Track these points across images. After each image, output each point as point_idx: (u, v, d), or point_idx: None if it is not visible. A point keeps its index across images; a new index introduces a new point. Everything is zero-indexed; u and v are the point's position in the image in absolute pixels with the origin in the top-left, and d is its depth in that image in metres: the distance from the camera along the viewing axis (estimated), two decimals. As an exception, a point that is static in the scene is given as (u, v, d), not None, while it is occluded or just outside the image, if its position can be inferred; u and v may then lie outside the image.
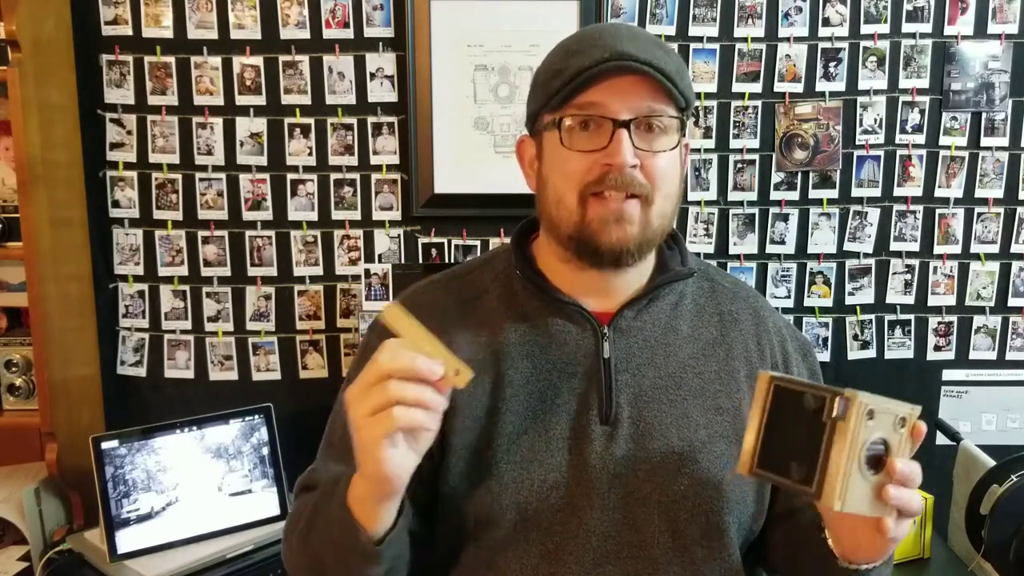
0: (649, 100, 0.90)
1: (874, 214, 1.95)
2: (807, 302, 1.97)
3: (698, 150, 1.92)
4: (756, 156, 1.93)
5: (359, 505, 0.82)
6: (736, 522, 0.95)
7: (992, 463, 1.56)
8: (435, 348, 0.78)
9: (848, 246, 1.96)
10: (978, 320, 1.98)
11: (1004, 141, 1.93)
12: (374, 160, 1.89)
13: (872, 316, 1.98)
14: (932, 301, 1.98)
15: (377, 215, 1.92)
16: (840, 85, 1.90)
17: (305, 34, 1.85)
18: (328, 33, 1.85)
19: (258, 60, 1.85)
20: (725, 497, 0.94)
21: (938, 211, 1.95)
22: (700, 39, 1.88)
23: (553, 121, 0.93)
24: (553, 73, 0.92)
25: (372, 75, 1.87)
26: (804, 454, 0.74)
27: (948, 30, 1.89)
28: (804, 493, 0.75)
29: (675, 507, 0.92)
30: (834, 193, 1.93)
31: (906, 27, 1.89)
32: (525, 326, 0.97)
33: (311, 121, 1.88)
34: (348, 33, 1.85)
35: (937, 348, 1.99)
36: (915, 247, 1.96)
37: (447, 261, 1.93)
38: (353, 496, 0.83)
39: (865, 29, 1.89)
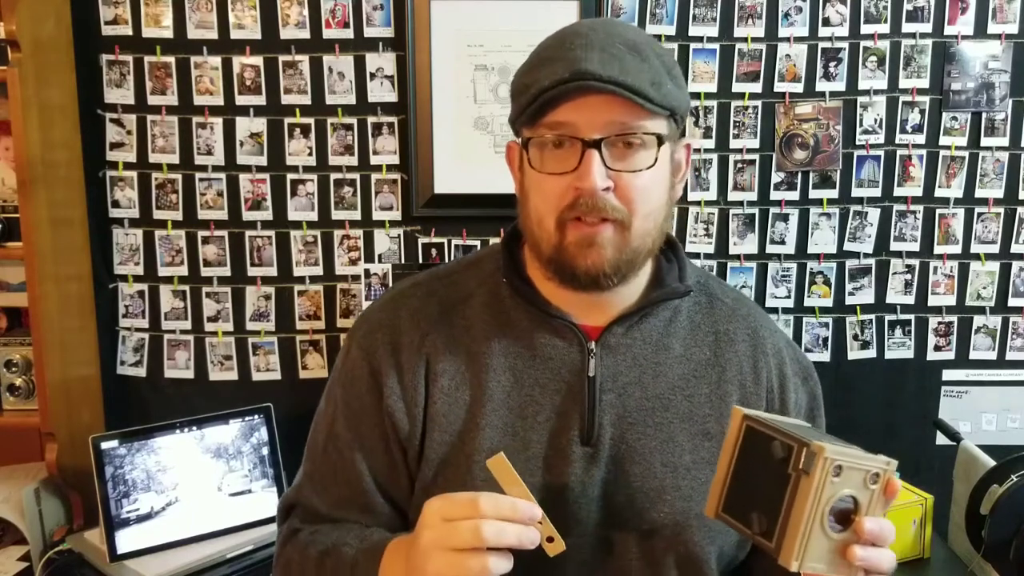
0: (622, 117, 0.83)
1: (874, 214, 1.95)
2: (807, 302, 1.97)
3: (698, 150, 1.91)
4: (756, 156, 1.92)
5: None
6: (717, 550, 0.92)
7: (992, 463, 1.56)
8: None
9: (848, 246, 1.96)
10: (978, 320, 1.98)
11: (1004, 141, 1.92)
12: (374, 160, 1.89)
13: (872, 316, 1.98)
14: (932, 301, 1.98)
15: (377, 215, 1.91)
16: (840, 85, 1.90)
17: (305, 34, 1.85)
18: (328, 33, 1.85)
19: (258, 60, 1.85)
20: (707, 527, 0.90)
21: (938, 211, 1.95)
22: (700, 39, 1.88)
23: (526, 140, 0.88)
24: (522, 87, 0.88)
25: (372, 75, 1.87)
26: (767, 505, 0.70)
27: (948, 30, 1.89)
28: (764, 547, 0.71)
29: (654, 535, 0.89)
30: (834, 193, 1.93)
31: (906, 27, 1.89)
32: (509, 338, 0.93)
33: (311, 121, 1.88)
34: (348, 33, 1.85)
35: (937, 348, 1.99)
36: (915, 247, 1.96)
37: (447, 261, 1.92)
38: None
39: (865, 29, 1.89)
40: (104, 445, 1.58)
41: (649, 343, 0.94)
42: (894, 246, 1.96)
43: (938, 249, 1.96)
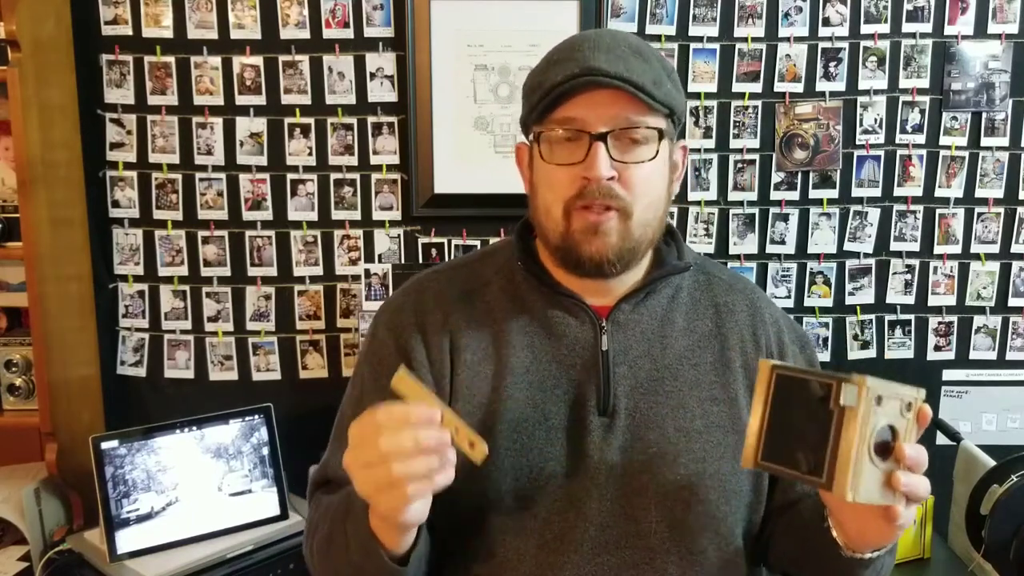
0: (626, 112, 0.91)
1: (874, 214, 1.95)
2: (807, 302, 1.97)
3: (698, 150, 1.91)
4: (756, 156, 1.92)
5: (382, 532, 0.83)
6: (734, 512, 0.96)
7: (992, 463, 1.56)
8: (447, 415, 0.78)
9: (848, 246, 1.96)
10: (978, 320, 1.98)
11: (1004, 141, 1.92)
12: (374, 160, 1.89)
13: (872, 316, 1.98)
14: (932, 301, 1.98)
15: (377, 215, 1.91)
16: (840, 85, 1.90)
17: (305, 34, 1.85)
18: (328, 33, 1.85)
19: (258, 60, 1.85)
20: (721, 486, 0.95)
21: (938, 211, 1.95)
22: (700, 39, 1.88)
23: (537, 134, 0.95)
24: (534, 86, 0.95)
25: (372, 75, 1.87)
26: (811, 444, 0.72)
27: (948, 30, 1.89)
28: (814, 484, 0.73)
29: (672, 497, 0.94)
30: (834, 193, 1.93)
31: (906, 27, 1.89)
32: (526, 317, 0.99)
33: (311, 121, 1.88)
34: (348, 33, 1.85)
35: (937, 348, 1.99)
36: (915, 247, 1.96)
37: (447, 261, 1.93)
38: (375, 523, 0.84)
39: (865, 29, 1.89)
40: (104, 445, 1.58)
41: (655, 318, 1.00)
42: (894, 246, 1.96)
43: (938, 249, 1.96)
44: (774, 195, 1.94)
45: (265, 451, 1.71)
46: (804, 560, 0.96)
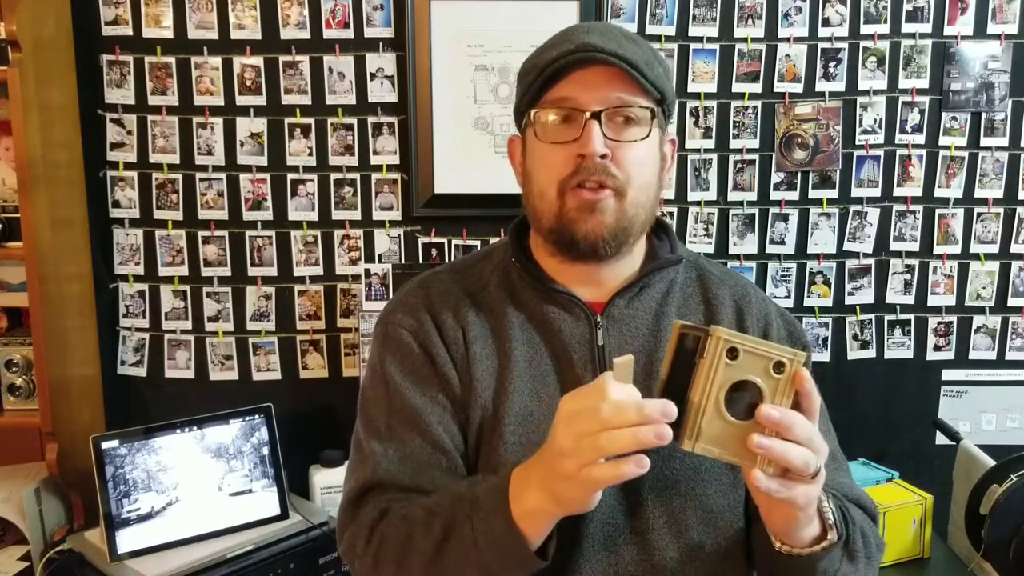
0: (619, 91, 0.92)
1: (874, 214, 1.95)
2: (807, 302, 1.98)
3: (698, 150, 1.92)
4: (756, 156, 1.93)
5: (532, 520, 0.81)
6: (732, 506, 0.97)
7: (992, 463, 1.57)
8: None
9: (848, 246, 1.96)
10: (978, 320, 1.99)
11: (1004, 141, 1.93)
12: (374, 160, 1.90)
13: (872, 316, 1.98)
14: (932, 301, 1.98)
15: (377, 215, 1.92)
16: (840, 85, 1.90)
17: (305, 34, 1.85)
18: (328, 33, 1.85)
19: (258, 60, 1.85)
20: (718, 480, 0.96)
21: (938, 211, 1.95)
22: (700, 39, 1.88)
23: (530, 116, 0.96)
24: (528, 68, 0.97)
25: (372, 75, 1.87)
26: (678, 397, 0.72)
27: (948, 30, 1.89)
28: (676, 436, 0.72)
29: (669, 492, 0.94)
30: (834, 193, 1.94)
31: (906, 27, 1.89)
32: (523, 314, 1.00)
33: (311, 121, 1.88)
34: (348, 33, 1.85)
35: (937, 348, 2.00)
36: (915, 247, 1.97)
37: (447, 261, 1.93)
38: (524, 511, 0.81)
39: (865, 29, 1.89)
40: (105, 445, 1.58)
41: (649, 313, 1.01)
42: (894, 246, 1.97)
43: (938, 249, 1.96)
44: (774, 195, 1.94)
45: (265, 451, 1.71)
46: (760, 559, 0.95)
